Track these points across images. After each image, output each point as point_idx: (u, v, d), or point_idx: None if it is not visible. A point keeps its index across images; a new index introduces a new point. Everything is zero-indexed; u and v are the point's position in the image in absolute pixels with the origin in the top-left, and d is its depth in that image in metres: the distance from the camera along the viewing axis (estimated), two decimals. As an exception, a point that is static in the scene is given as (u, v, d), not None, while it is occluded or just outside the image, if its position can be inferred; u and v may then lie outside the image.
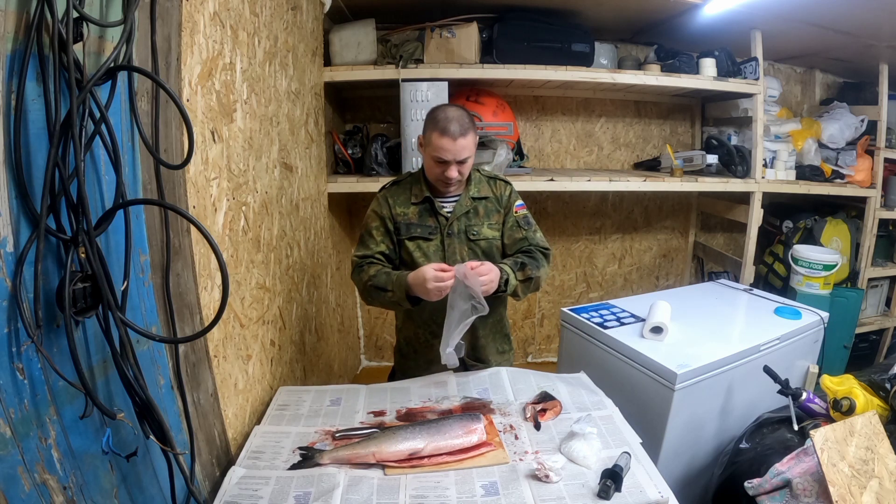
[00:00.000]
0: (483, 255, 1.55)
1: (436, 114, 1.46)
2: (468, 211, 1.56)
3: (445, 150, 1.42)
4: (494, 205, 1.60)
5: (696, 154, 2.91)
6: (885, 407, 1.44)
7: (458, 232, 1.55)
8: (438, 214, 1.54)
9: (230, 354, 1.31)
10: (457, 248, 1.55)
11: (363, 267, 1.51)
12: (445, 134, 1.40)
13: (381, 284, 1.44)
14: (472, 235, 1.56)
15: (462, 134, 1.41)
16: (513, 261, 1.50)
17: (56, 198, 0.73)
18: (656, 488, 1.08)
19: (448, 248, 1.54)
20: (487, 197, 1.59)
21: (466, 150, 1.44)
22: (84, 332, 0.80)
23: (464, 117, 1.44)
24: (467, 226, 1.55)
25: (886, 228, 3.15)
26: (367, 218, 1.59)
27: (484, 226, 1.57)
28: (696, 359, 1.58)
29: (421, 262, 1.51)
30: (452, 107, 1.49)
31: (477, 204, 1.57)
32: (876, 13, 2.21)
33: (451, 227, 1.54)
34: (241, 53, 1.40)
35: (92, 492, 0.80)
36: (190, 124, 0.83)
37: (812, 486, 1.21)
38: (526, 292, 1.52)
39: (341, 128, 2.88)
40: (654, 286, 3.48)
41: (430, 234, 1.54)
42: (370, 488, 1.08)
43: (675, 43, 2.88)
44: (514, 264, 1.48)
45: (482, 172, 1.64)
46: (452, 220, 1.54)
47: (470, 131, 1.44)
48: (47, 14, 0.69)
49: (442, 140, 1.41)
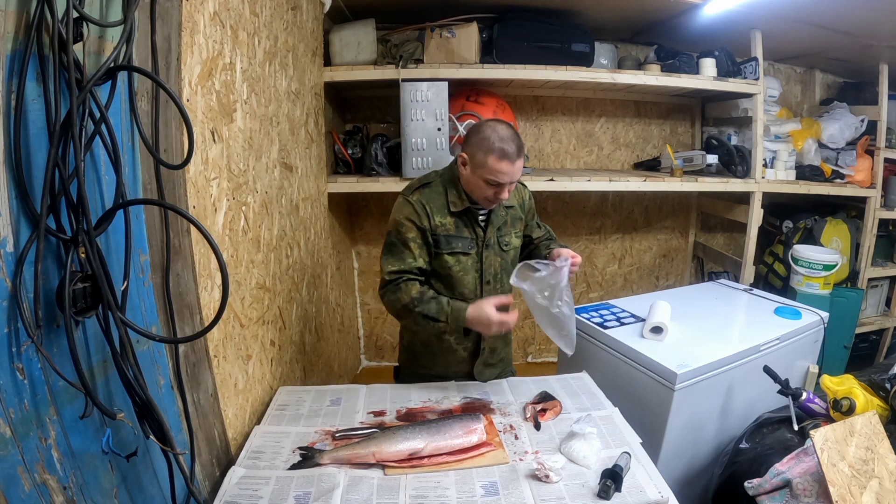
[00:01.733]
0: (510, 264, 1.53)
1: (486, 134, 1.34)
2: (505, 221, 1.52)
3: (503, 174, 1.34)
4: (518, 212, 1.57)
5: (696, 154, 2.91)
6: (885, 407, 1.44)
7: (493, 243, 1.50)
8: (476, 226, 1.48)
9: (230, 354, 1.31)
10: (492, 260, 1.51)
11: (400, 286, 1.40)
12: (504, 157, 1.32)
13: (432, 314, 1.37)
14: (504, 246, 1.52)
15: (519, 154, 1.34)
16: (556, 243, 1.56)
17: (56, 198, 0.73)
18: (656, 488, 1.08)
19: (485, 260, 1.49)
20: (513, 206, 1.55)
21: (519, 172, 1.38)
22: (84, 332, 0.80)
23: (515, 134, 1.37)
24: (499, 236, 1.51)
25: (886, 228, 3.15)
26: (401, 226, 1.43)
27: (512, 235, 1.54)
28: (696, 359, 1.58)
29: (459, 276, 1.47)
30: (500, 124, 1.38)
31: (506, 214, 1.53)
32: (876, 13, 2.21)
33: (487, 238, 1.49)
34: (241, 53, 1.40)
35: (92, 492, 0.80)
36: (190, 124, 0.83)
37: (812, 486, 1.21)
38: None
39: (341, 128, 2.88)
40: (654, 286, 3.47)
41: (469, 248, 1.47)
42: (370, 488, 1.08)
43: (675, 43, 2.88)
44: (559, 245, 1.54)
45: None
46: (490, 231, 1.48)
47: (523, 152, 1.38)
48: (47, 14, 0.69)
49: (501, 164, 1.32)
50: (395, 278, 1.41)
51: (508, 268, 1.53)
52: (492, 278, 1.52)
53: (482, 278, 1.50)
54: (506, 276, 1.53)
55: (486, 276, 1.50)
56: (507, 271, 1.52)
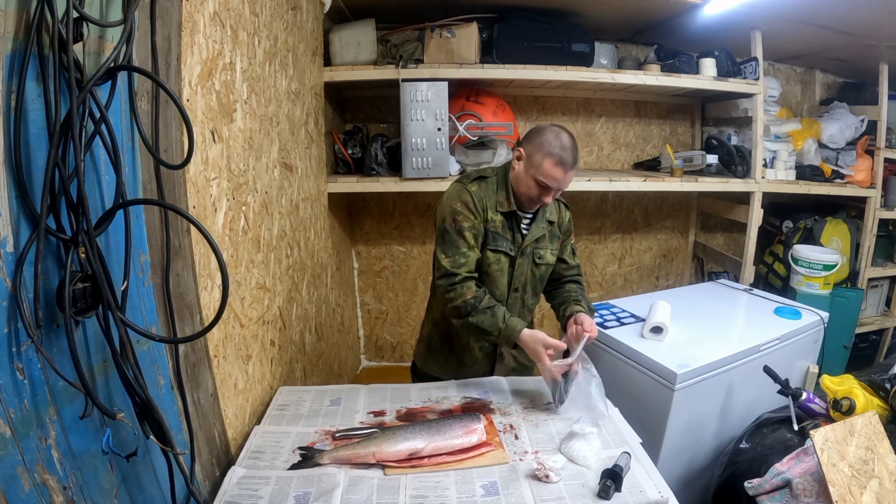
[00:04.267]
0: (539, 279, 1.56)
1: (548, 137, 1.38)
2: (544, 234, 1.52)
3: (555, 180, 1.37)
4: (557, 231, 1.57)
5: (696, 154, 2.91)
6: (885, 407, 1.44)
7: (529, 253, 1.51)
8: (518, 231, 1.48)
9: (230, 354, 1.31)
10: (525, 269, 1.51)
11: (456, 287, 1.39)
12: (561, 164, 1.36)
13: (486, 328, 1.38)
14: (538, 259, 1.52)
15: (573, 166, 1.38)
16: (587, 306, 1.51)
17: (56, 198, 0.73)
18: (656, 488, 1.08)
19: (518, 267, 1.50)
20: (554, 222, 1.55)
21: (571, 180, 1.42)
22: (84, 332, 0.80)
23: (575, 146, 1.41)
24: (535, 248, 1.51)
25: (886, 228, 3.15)
26: (457, 214, 1.41)
27: (548, 251, 1.54)
28: (696, 359, 1.59)
29: (496, 275, 1.48)
30: (564, 132, 1.42)
31: (547, 228, 1.54)
32: (876, 13, 2.21)
33: (524, 246, 1.49)
34: (241, 53, 1.40)
35: (92, 492, 0.80)
36: (190, 124, 0.83)
37: (812, 486, 1.21)
38: None
39: (341, 128, 2.88)
40: (654, 286, 3.47)
41: (510, 250, 1.48)
42: (370, 488, 1.08)
43: (675, 43, 2.88)
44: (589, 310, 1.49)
45: None
46: (529, 240, 1.49)
47: (578, 161, 1.42)
48: (47, 14, 0.69)
49: (556, 170, 1.36)
50: (453, 275, 1.40)
51: (536, 282, 1.56)
52: (521, 286, 1.53)
53: (511, 284, 1.51)
54: (531, 288, 1.56)
55: (516, 283, 1.51)
56: (535, 285, 1.56)
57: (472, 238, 1.42)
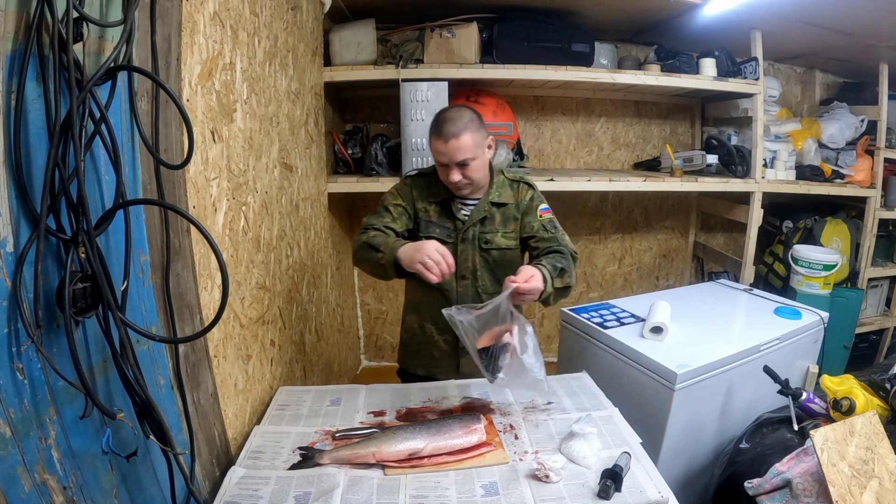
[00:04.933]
0: (494, 264, 1.51)
1: (436, 115, 1.41)
2: (484, 217, 1.49)
3: (439, 153, 1.37)
4: (513, 211, 1.51)
5: (696, 154, 2.91)
6: (885, 407, 1.44)
7: (473, 238, 1.49)
8: (455, 218, 1.49)
9: (230, 354, 1.31)
10: (469, 254, 1.49)
11: (366, 231, 1.44)
12: (439, 136, 1.36)
13: (376, 244, 1.36)
14: (485, 244, 1.49)
15: (455, 135, 1.34)
16: (551, 265, 1.33)
17: (56, 198, 0.73)
18: (656, 488, 1.07)
19: (461, 254, 1.48)
20: (507, 203, 1.50)
21: (463, 151, 1.35)
22: (84, 332, 0.80)
23: (461, 117, 1.36)
24: (481, 232, 1.49)
25: (886, 228, 3.15)
26: (388, 194, 1.52)
27: (498, 234, 1.50)
28: (696, 359, 1.58)
29: None
30: (454, 107, 1.43)
31: (495, 210, 1.50)
32: (876, 13, 2.21)
33: (465, 232, 1.48)
34: (241, 53, 1.40)
35: (92, 492, 0.80)
36: (190, 124, 0.83)
37: (812, 486, 1.21)
38: (558, 300, 1.37)
39: (341, 128, 2.88)
40: (654, 286, 3.47)
41: (448, 237, 1.48)
42: (370, 488, 1.08)
43: (675, 43, 2.88)
44: (553, 269, 1.32)
45: (507, 174, 1.55)
46: (468, 225, 1.48)
47: (466, 131, 1.35)
48: (47, 14, 0.69)
49: (436, 143, 1.37)
50: (365, 227, 1.46)
51: (492, 268, 1.51)
52: (469, 273, 1.51)
53: (457, 271, 1.45)
54: (487, 275, 1.51)
55: (462, 271, 1.49)
56: (492, 271, 1.51)
57: (397, 213, 1.48)
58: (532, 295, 1.24)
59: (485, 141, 1.42)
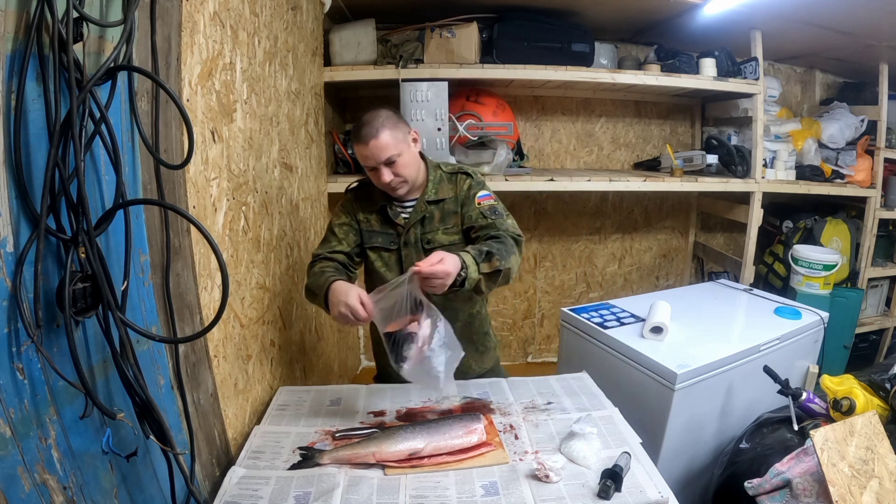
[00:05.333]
0: None
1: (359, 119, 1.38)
2: (423, 217, 1.44)
3: (364, 158, 1.35)
4: (452, 205, 1.45)
5: (696, 154, 2.91)
6: (885, 407, 1.44)
7: (415, 241, 1.44)
8: (395, 223, 1.45)
9: (230, 354, 1.31)
10: (413, 258, 1.41)
11: (313, 265, 1.43)
12: (358, 140, 1.34)
13: (313, 288, 1.34)
14: (427, 244, 1.44)
15: (373, 135, 1.31)
16: (477, 249, 1.24)
17: (56, 198, 0.73)
18: (656, 488, 1.07)
19: (406, 258, 1.44)
20: (445, 199, 1.45)
21: (384, 150, 1.32)
22: (84, 332, 0.80)
23: (376, 117, 1.34)
24: (422, 234, 1.44)
25: (886, 228, 3.15)
26: (334, 214, 1.53)
27: (439, 232, 1.44)
28: (696, 359, 1.59)
29: (382, 272, 1.47)
30: (374, 110, 1.37)
31: (433, 208, 1.44)
32: (876, 13, 2.21)
33: (407, 235, 1.44)
34: (241, 53, 1.40)
35: (92, 492, 0.80)
36: (190, 124, 0.83)
37: (812, 486, 1.21)
38: (491, 287, 1.27)
39: (341, 128, 2.88)
40: (654, 286, 3.47)
41: (391, 244, 1.46)
42: (370, 488, 1.08)
43: (675, 43, 2.88)
44: (479, 254, 1.23)
45: (444, 168, 1.49)
46: (408, 227, 1.44)
47: (384, 129, 1.32)
48: (47, 14, 0.69)
49: (358, 148, 1.35)
50: (313, 260, 1.44)
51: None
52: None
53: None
54: None
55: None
56: None
57: (343, 233, 1.47)
58: (440, 280, 1.14)
59: (406, 136, 1.38)
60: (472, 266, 1.20)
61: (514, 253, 1.30)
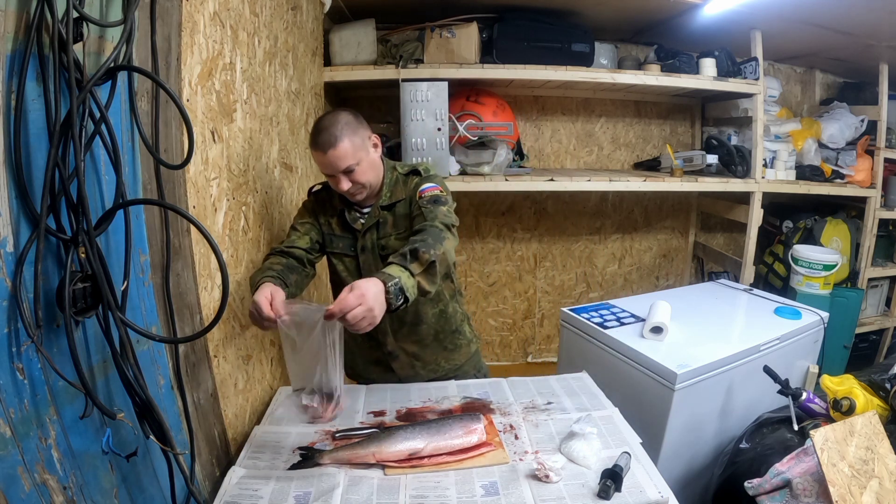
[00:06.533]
0: None
1: (314, 125, 1.32)
2: (377, 222, 1.41)
3: (322, 165, 1.31)
4: (404, 208, 1.41)
5: (696, 154, 2.91)
6: (885, 407, 1.44)
7: (371, 247, 1.42)
8: (353, 228, 1.43)
9: (230, 354, 1.31)
10: (371, 263, 1.41)
11: (266, 259, 1.39)
12: (316, 147, 1.29)
13: (251, 283, 1.29)
14: (382, 250, 1.41)
15: (332, 144, 1.26)
16: (399, 255, 1.14)
17: (56, 198, 0.73)
18: (656, 488, 1.07)
19: (363, 264, 1.42)
20: (399, 201, 1.41)
21: (343, 159, 1.28)
22: (84, 332, 0.80)
23: (335, 124, 1.28)
24: (378, 239, 1.41)
25: (886, 228, 3.15)
26: (297, 214, 1.50)
27: (392, 237, 1.41)
28: (696, 359, 1.59)
29: (345, 277, 1.46)
30: (328, 113, 1.33)
31: (387, 214, 1.41)
32: (876, 13, 2.21)
33: (364, 240, 1.42)
34: (241, 53, 1.40)
35: (92, 492, 0.80)
36: (190, 124, 0.83)
37: (812, 486, 1.21)
38: (435, 280, 1.15)
39: (341, 128, 2.88)
40: (654, 286, 3.47)
41: (350, 250, 1.44)
42: (370, 488, 1.08)
43: (675, 43, 2.88)
44: (403, 258, 1.12)
45: (400, 170, 1.45)
46: (364, 233, 1.41)
47: (343, 138, 1.27)
48: (47, 14, 0.69)
49: (316, 154, 1.30)
50: (268, 254, 1.41)
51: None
52: None
53: None
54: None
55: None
56: None
57: (302, 229, 1.44)
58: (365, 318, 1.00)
59: (366, 141, 1.34)
60: (402, 275, 1.08)
61: (444, 238, 1.20)
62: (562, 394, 1.48)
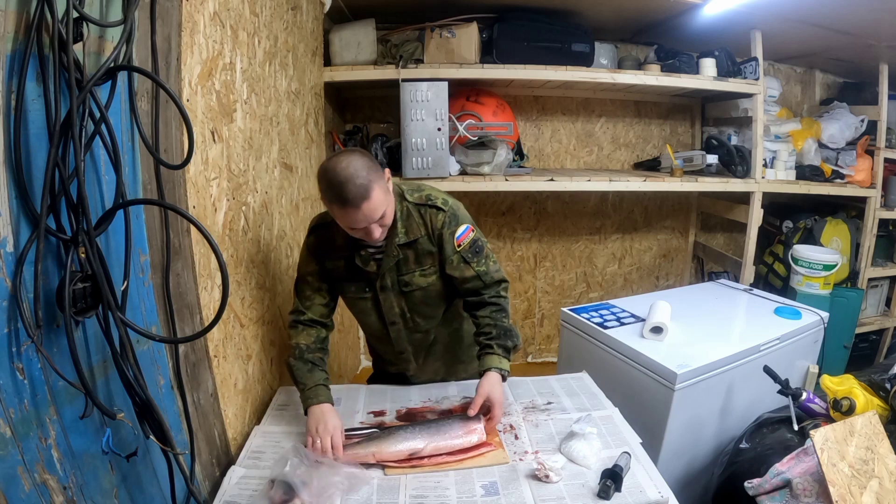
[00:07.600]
0: (421, 303, 1.40)
1: (327, 176, 1.14)
2: (398, 261, 1.34)
3: (355, 221, 1.15)
4: (426, 245, 1.33)
5: (696, 154, 2.91)
6: (885, 407, 1.44)
7: (392, 284, 1.36)
8: (366, 271, 1.34)
9: (230, 354, 1.31)
10: (393, 301, 1.39)
11: (297, 326, 1.36)
12: (345, 203, 1.12)
13: (297, 378, 1.30)
14: (405, 287, 1.37)
15: (365, 196, 1.12)
16: (501, 347, 1.31)
17: (56, 198, 0.73)
18: (656, 488, 1.08)
19: (384, 303, 1.38)
20: (418, 238, 1.32)
21: (379, 208, 1.15)
22: (84, 332, 0.81)
23: (359, 171, 1.12)
24: (399, 276, 1.35)
25: (886, 228, 3.15)
26: (302, 260, 1.40)
27: (416, 274, 1.35)
28: (696, 359, 1.59)
29: (360, 317, 1.47)
30: (341, 162, 1.14)
31: (407, 251, 1.33)
32: (876, 13, 2.21)
33: (383, 280, 1.36)
34: (241, 53, 1.40)
35: (92, 492, 0.80)
36: (190, 124, 0.83)
37: (812, 486, 1.21)
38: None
39: (341, 128, 2.88)
40: (654, 286, 3.47)
41: (365, 292, 1.38)
42: (370, 488, 1.08)
43: (675, 43, 2.88)
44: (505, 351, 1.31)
45: (409, 199, 1.32)
46: (383, 272, 1.34)
47: (373, 186, 1.13)
48: (47, 14, 0.69)
49: (346, 210, 1.13)
50: (300, 313, 1.37)
51: (420, 308, 1.41)
52: (399, 319, 1.42)
53: (384, 319, 1.42)
54: (417, 315, 1.42)
55: (390, 318, 1.41)
56: (420, 311, 1.42)
57: (315, 282, 1.38)
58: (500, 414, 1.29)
59: (386, 180, 1.21)
60: (505, 366, 1.32)
61: (509, 307, 1.39)
62: (562, 394, 1.48)
